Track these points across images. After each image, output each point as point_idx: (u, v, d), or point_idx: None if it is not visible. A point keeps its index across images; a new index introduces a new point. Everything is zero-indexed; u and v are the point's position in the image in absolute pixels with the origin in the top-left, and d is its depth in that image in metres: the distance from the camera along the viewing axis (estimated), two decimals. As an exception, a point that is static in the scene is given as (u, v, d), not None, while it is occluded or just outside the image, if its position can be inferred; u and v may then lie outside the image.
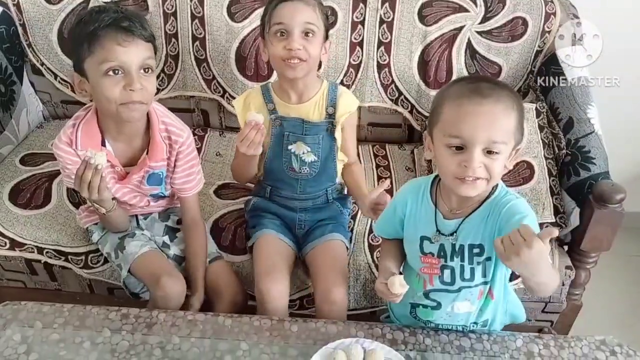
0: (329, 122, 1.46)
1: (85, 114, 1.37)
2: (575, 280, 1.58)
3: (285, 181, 1.51)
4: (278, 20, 1.34)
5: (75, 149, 1.34)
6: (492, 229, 1.08)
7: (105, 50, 1.22)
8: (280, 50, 1.35)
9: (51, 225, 1.60)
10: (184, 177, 1.45)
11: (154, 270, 1.40)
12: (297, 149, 1.47)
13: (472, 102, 0.98)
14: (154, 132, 1.38)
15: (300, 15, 1.33)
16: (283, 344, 1.15)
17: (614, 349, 1.17)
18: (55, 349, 1.13)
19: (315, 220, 1.54)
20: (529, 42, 1.83)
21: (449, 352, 1.16)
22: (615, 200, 1.44)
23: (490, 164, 1.00)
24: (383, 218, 1.26)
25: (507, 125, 1.00)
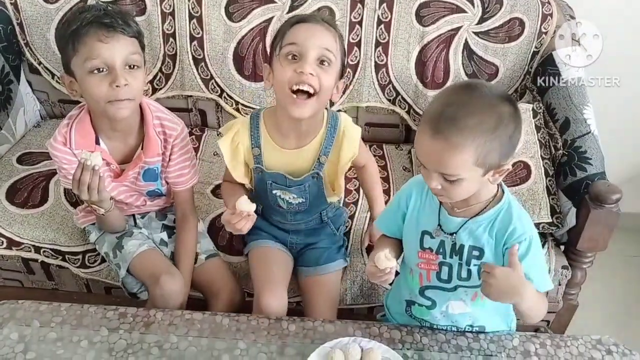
0: (315, 172, 1.34)
1: (79, 112, 1.37)
2: (571, 280, 1.59)
3: (275, 210, 1.45)
4: (292, 40, 1.18)
5: (70, 148, 1.35)
6: (494, 240, 1.08)
7: (88, 47, 1.22)
8: (289, 73, 1.17)
9: (48, 224, 1.60)
10: (177, 171, 1.45)
11: (153, 269, 1.40)
12: (282, 194, 1.38)
13: (428, 133, 0.96)
14: (147, 127, 1.38)
15: (318, 39, 1.18)
16: (281, 343, 1.15)
17: (610, 348, 1.18)
18: (52, 348, 1.12)
19: (308, 242, 1.50)
20: (526, 43, 1.84)
21: (446, 351, 1.16)
22: (611, 201, 1.44)
23: (449, 187, 1.00)
24: (386, 213, 1.26)
25: (455, 161, 0.95)
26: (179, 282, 1.38)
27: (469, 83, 1.04)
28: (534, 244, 1.08)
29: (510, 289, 1.01)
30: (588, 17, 1.78)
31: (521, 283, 1.02)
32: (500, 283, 1.00)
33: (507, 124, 0.97)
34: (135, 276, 1.44)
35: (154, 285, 1.36)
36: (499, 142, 0.96)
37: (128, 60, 1.25)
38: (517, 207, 1.10)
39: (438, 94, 1.03)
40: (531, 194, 1.57)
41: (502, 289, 1.01)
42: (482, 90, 0.98)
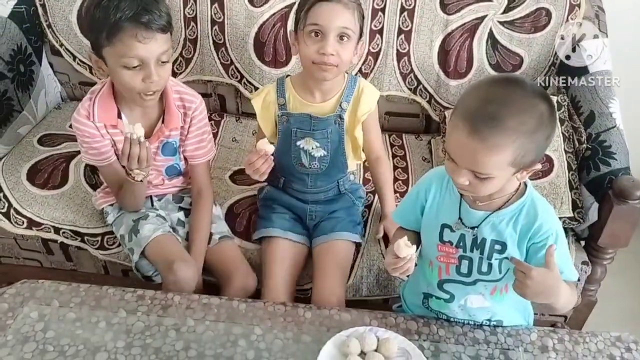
0: (338, 115, 1.43)
1: (102, 87, 1.40)
2: (591, 276, 1.57)
3: (296, 175, 1.50)
4: (314, 20, 1.29)
5: (93, 121, 1.38)
6: (517, 234, 1.07)
7: (125, 45, 1.24)
8: (312, 52, 1.31)
9: (68, 205, 1.61)
10: (195, 144, 1.48)
11: (167, 255, 1.41)
12: (305, 145, 1.45)
13: (464, 129, 0.92)
14: (168, 101, 1.41)
15: (337, 18, 1.29)
16: (297, 330, 1.16)
17: (630, 345, 1.16)
18: (71, 328, 1.14)
19: (327, 211, 1.53)
20: (552, 34, 1.80)
21: (462, 344, 1.15)
22: (635, 197, 1.42)
23: (478, 183, 0.98)
24: (404, 204, 1.24)
25: (492, 160, 0.93)
26: (192, 269, 1.39)
27: (508, 77, 0.99)
28: (561, 237, 1.08)
29: (547, 289, 1.01)
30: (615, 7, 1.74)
31: (558, 284, 1.01)
32: (538, 284, 0.99)
33: (547, 124, 0.94)
34: (150, 261, 1.45)
35: (167, 271, 1.37)
36: (537, 143, 0.95)
37: (161, 57, 1.29)
38: (541, 201, 1.09)
39: (474, 86, 0.99)
40: (553, 188, 1.55)
41: (539, 290, 1.00)
42: (523, 87, 0.94)
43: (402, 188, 1.70)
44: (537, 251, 1.08)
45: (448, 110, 1.87)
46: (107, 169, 1.45)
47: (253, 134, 1.90)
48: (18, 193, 1.63)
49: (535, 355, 1.14)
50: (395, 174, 1.74)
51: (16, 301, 1.19)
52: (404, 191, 1.68)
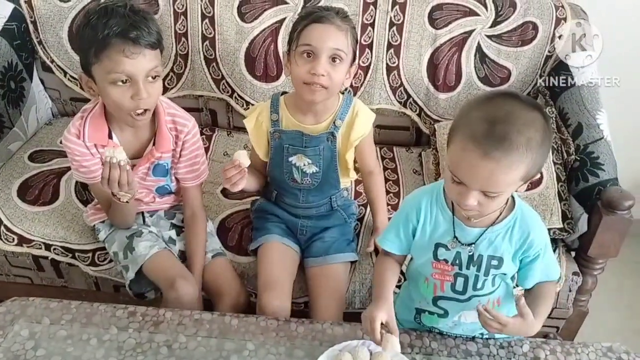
0: (330, 132, 1.41)
1: (93, 107, 1.38)
2: (582, 286, 1.57)
3: (288, 190, 1.50)
4: (307, 41, 1.29)
5: (83, 140, 1.36)
6: (513, 247, 1.08)
7: (113, 61, 1.23)
8: (303, 72, 1.30)
9: (59, 222, 1.61)
10: (188, 167, 1.46)
11: (167, 272, 1.41)
12: (297, 161, 1.44)
13: (476, 152, 0.91)
14: (160, 123, 1.39)
15: (330, 40, 1.28)
16: (289, 345, 1.15)
17: (621, 356, 1.17)
18: (62, 345, 1.13)
19: (319, 227, 1.53)
20: (539, 47, 1.83)
21: (455, 356, 1.16)
22: (623, 207, 1.43)
23: (487, 202, 0.98)
24: (392, 229, 1.18)
25: (507, 178, 0.94)
26: (193, 286, 1.39)
27: (504, 93, 0.98)
28: (548, 244, 1.11)
29: (524, 332, 1.07)
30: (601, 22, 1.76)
31: (532, 326, 1.06)
32: (514, 332, 1.06)
33: (549, 134, 0.96)
34: (149, 278, 1.45)
35: (168, 288, 1.37)
36: (543, 155, 0.96)
37: (150, 73, 1.27)
38: (530, 211, 1.10)
39: (472, 106, 0.98)
40: (542, 199, 1.56)
41: (516, 334, 1.10)
42: (520, 102, 0.95)
43: (394, 201, 1.71)
44: (529, 263, 1.11)
45: (438, 123, 1.89)
46: (97, 187, 1.44)
47: (244, 148, 1.91)
48: (8, 210, 1.62)
49: (528, 367, 1.14)
50: (386, 186, 1.75)
51: (6, 319, 1.18)
52: (396, 204, 1.69)
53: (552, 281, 1.15)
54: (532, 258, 1.10)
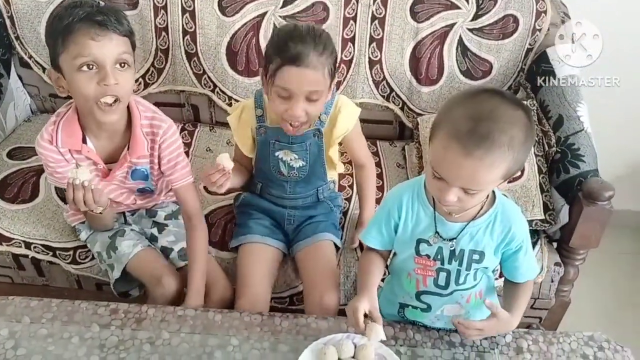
0: (316, 129, 1.41)
1: (67, 110, 1.34)
2: (563, 277, 1.59)
3: (275, 182, 1.50)
4: (282, 84, 1.25)
5: (56, 146, 1.32)
6: (494, 241, 1.09)
7: (79, 45, 1.19)
8: (281, 110, 1.29)
9: (39, 219, 1.59)
10: (171, 168, 1.42)
11: (153, 269, 1.40)
12: (284, 156, 1.43)
13: (458, 150, 0.91)
14: (135, 128, 1.34)
15: (307, 83, 1.25)
16: (274, 340, 1.15)
17: (602, 344, 1.18)
18: (43, 344, 1.11)
19: (305, 216, 1.53)
20: (520, 40, 1.84)
21: (439, 348, 1.16)
22: (604, 198, 1.45)
23: (466, 199, 0.98)
24: (374, 225, 1.18)
25: (489, 177, 0.94)
26: (180, 283, 1.38)
27: (488, 90, 0.98)
28: (527, 239, 1.12)
29: (503, 330, 1.15)
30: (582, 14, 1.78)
31: (509, 322, 1.11)
32: (493, 332, 1.14)
33: (531, 132, 0.96)
34: (134, 276, 1.43)
35: (155, 285, 1.36)
36: (525, 153, 0.96)
37: (118, 60, 1.22)
38: (510, 204, 1.11)
39: (456, 102, 0.97)
40: (524, 191, 1.58)
41: (494, 333, 1.16)
42: (503, 99, 0.94)
43: (377, 194, 1.70)
44: (510, 256, 1.12)
45: (421, 116, 1.89)
46: None
47: (227, 144, 1.90)
48: (-13, 208, 1.60)
49: (511, 357, 1.15)
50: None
51: (-15, 319, 1.16)
52: (379, 197, 1.69)
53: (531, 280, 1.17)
54: (515, 250, 1.11)
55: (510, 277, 1.16)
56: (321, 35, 1.27)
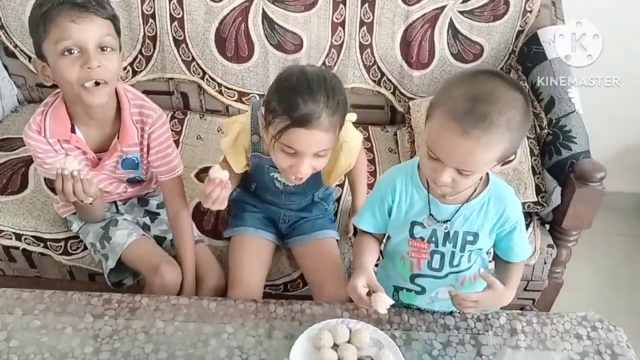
0: None
1: (54, 100, 1.32)
2: (556, 258, 1.60)
3: (270, 191, 1.45)
4: (289, 143, 1.16)
5: (45, 136, 1.30)
6: (489, 223, 1.09)
7: (60, 28, 1.16)
8: (285, 165, 1.22)
9: (29, 211, 1.57)
10: (160, 159, 1.40)
11: (150, 258, 1.39)
12: (279, 177, 1.38)
13: (455, 130, 0.90)
14: (124, 115, 1.33)
15: (316, 145, 1.16)
16: (268, 326, 1.15)
17: (595, 324, 1.19)
18: (36, 336, 1.10)
19: (300, 216, 1.50)
20: (511, 22, 1.83)
21: (433, 331, 1.16)
22: (596, 179, 1.45)
23: (460, 180, 0.97)
24: (368, 209, 1.17)
25: (485, 157, 0.94)
26: (177, 272, 1.38)
27: (487, 71, 0.97)
28: (521, 220, 1.12)
29: (499, 302, 1.12)
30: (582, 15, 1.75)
31: (504, 294, 1.09)
32: (488, 304, 1.11)
33: (528, 115, 0.95)
34: (130, 266, 1.43)
35: (153, 274, 1.35)
36: (521, 136, 0.96)
37: (101, 42, 1.20)
38: (504, 186, 1.11)
39: (453, 83, 0.96)
40: (517, 174, 1.58)
41: (489, 307, 1.15)
42: (502, 81, 0.94)
43: (370, 180, 1.70)
44: (504, 237, 1.12)
45: (412, 100, 1.88)
46: None
47: (218, 131, 1.88)
48: (-25, 200, 1.58)
49: (505, 339, 1.16)
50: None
51: (-23, 312, 1.15)
52: (372, 183, 1.68)
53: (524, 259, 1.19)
54: (509, 231, 1.11)
55: (505, 257, 1.16)
56: (334, 89, 1.16)
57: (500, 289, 1.07)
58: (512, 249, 1.14)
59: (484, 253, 1.18)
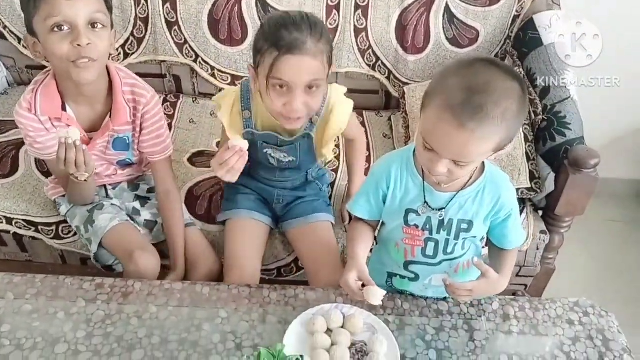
0: (307, 132, 1.35)
1: (45, 77, 1.31)
2: (549, 244, 1.60)
3: (264, 168, 1.45)
4: (279, 76, 1.17)
5: (35, 114, 1.29)
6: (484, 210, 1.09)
7: (50, 5, 1.16)
8: (279, 106, 1.21)
9: (20, 194, 1.55)
10: (152, 140, 1.40)
11: (126, 244, 1.37)
12: (273, 153, 1.38)
13: (451, 122, 0.89)
14: (116, 94, 1.32)
15: (307, 72, 1.17)
16: (262, 311, 1.15)
17: (587, 310, 1.20)
18: (28, 320, 1.10)
19: (295, 196, 1.50)
20: (507, 7, 1.81)
21: (427, 316, 1.17)
22: (590, 165, 1.45)
23: (456, 170, 0.97)
24: (363, 196, 1.17)
25: (480, 149, 0.93)
26: (154, 259, 1.36)
27: (484, 60, 0.95)
28: (516, 208, 1.12)
29: (492, 290, 1.13)
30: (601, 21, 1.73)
31: (498, 282, 1.10)
32: (482, 293, 1.13)
33: (525, 105, 0.94)
34: (109, 251, 1.42)
35: (127, 261, 1.34)
36: (517, 126, 0.95)
37: (92, 19, 1.19)
38: (499, 173, 1.10)
39: (450, 72, 0.95)
40: (511, 160, 1.57)
41: (483, 295, 1.16)
42: (499, 70, 0.92)
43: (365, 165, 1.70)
44: (499, 224, 1.12)
45: (407, 85, 1.87)
46: (54, 163, 1.38)
47: (211, 115, 1.86)
48: (-35, 184, 1.56)
49: (498, 324, 1.16)
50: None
51: (-33, 296, 1.14)
52: (367, 168, 1.67)
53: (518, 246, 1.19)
54: (504, 219, 1.11)
55: (499, 244, 1.16)
56: (316, 23, 1.19)
57: (494, 278, 1.08)
58: (506, 236, 1.14)
59: (478, 240, 1.18)
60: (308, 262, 1.44)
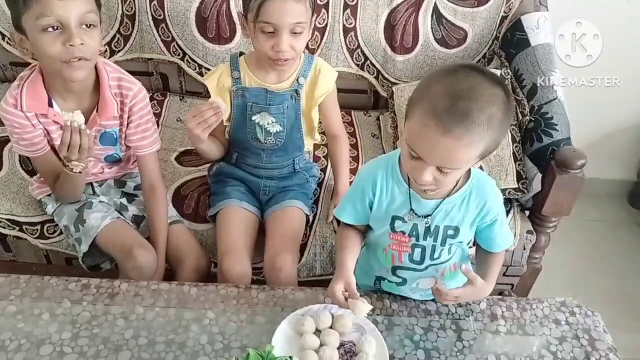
0: (294, 90, 1.42)
1: (30, 73, 1.30)
2: (535, 244, 1.61)
3: (251, 150, 1.48)
4: (266, 18, 1.27)
5: (21, 110, 1.28)
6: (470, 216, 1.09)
7: (41, 4, 1.15)
8: (267, 48, 1.31)
9: (3, 194, 1.53)
10: (139, 133, 1.40)
11: (124, 241, 1.37)
12: (261, 120, 1.43)
13: (436, 129, 0.88)
14: (103, 88, 1.31)
15: (290, 15, 1.27)
16: (250, 312, 1.14)
17: (574, 309, 1.21)
18: (12, 321, 1.08)
19: (281, 187, 1.52)
20: (495, 8, 1.82)
21: (415, 316, 1.17)
22: (576, 166, 1.46)
23: (442, 178, 0.96)
24: (348, 201, 1.16)
25: (466, 155, 0.93)
26: (152, 254, 1.36)
27: (468, 66, 0.95)
28: (502, 212, 1.12)
29: (478, 296, 1.15)
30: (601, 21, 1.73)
31: (484, 289, 1.11)
32: (469, 299, 1.16)
33: (510, 111, 0.94)
34: (104, 250, 1.40)
35: (125, 257, 1.33)
36: (502, 132, 0.95)
37: (83, 19, 1.18)
38: (485, 178, 1.10)
39: (434, 79, 0.94)
40: (498, 160, 1.58)
41: (471, 300, 1.18)
42: (484, 77, 0.92)
43: (353, 165, 1.70)
44: (485, 228, 1.12)
45: (395, 85, 1.87)
46: (41, 160, 1.37)
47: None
48: (-53, 182, 1.54)
49: (485, 324, 1.17)
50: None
51: (-51, 297, 1.12)
52: (355, 168, 1.68)
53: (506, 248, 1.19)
54: (490, 223, 1.11)
55: (486, 247, 1.16)
56: None
57: (480, 285, 1.09)
58: (493, 239, 1.14)
59: (465, 245, 1.18)
60: (267, 240, 1.44)
